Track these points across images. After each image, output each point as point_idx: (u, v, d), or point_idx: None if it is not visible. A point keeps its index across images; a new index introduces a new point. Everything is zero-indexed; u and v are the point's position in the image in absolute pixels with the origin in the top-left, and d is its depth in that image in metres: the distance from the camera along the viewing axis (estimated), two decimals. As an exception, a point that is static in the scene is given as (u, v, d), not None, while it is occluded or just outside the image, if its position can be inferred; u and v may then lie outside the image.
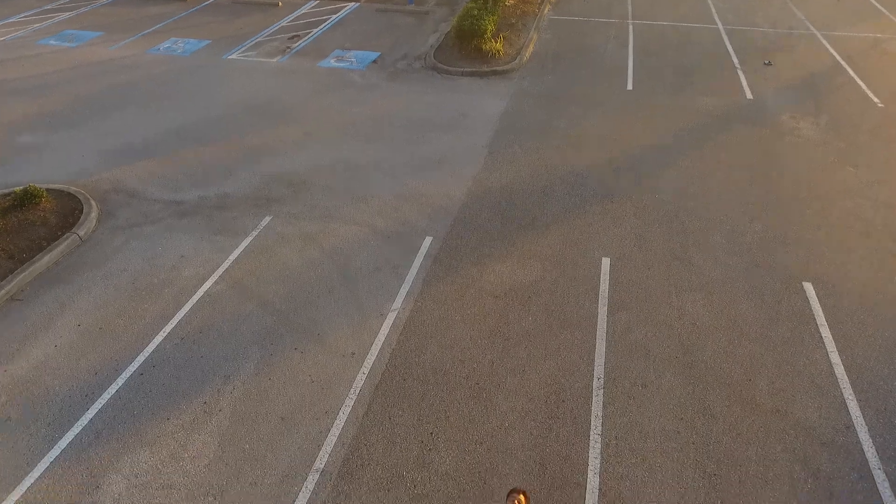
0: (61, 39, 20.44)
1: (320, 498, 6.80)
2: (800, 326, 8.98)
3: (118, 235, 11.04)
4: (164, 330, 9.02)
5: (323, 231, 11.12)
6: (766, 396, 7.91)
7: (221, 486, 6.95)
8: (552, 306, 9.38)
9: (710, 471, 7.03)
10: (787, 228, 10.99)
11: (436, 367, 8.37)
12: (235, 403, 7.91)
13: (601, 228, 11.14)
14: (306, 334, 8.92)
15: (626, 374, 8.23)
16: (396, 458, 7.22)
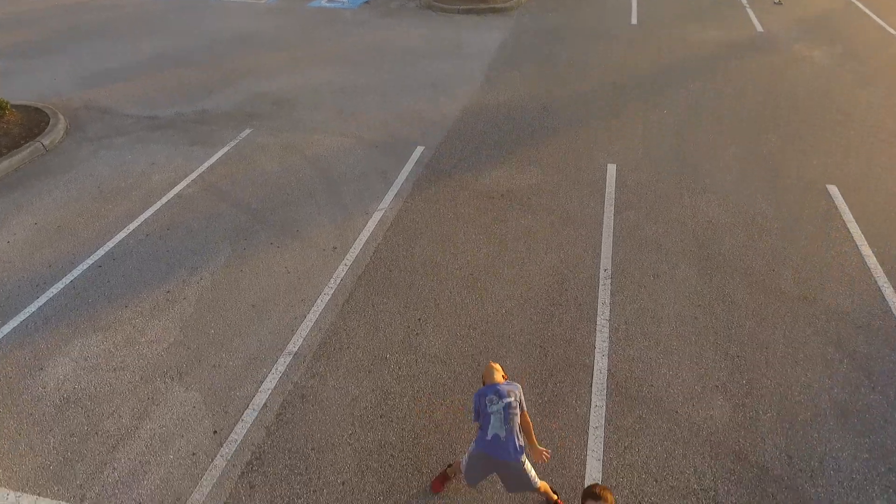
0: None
1: (292, 380, 6.00)
2: (825, 223, 8.18)
3: (85, 146, 10.24)
4: (127, 228, 8.22)
5: (306, 141, 10.32)
6: (792, 285, 7.11)
7: (180, 369, 6.15)
8: (554, 206, 8.58)
9: (733, 353, 6.24)
10: (806, 140, 10.20)
11: (425, 261, 7.58)
12: (202, 292, 7.11)
13: (606, 139, 10.34)
14: (284, 231, 8.12)
15: (635, 266, 7.43)
16: (379, 342, 6.42)
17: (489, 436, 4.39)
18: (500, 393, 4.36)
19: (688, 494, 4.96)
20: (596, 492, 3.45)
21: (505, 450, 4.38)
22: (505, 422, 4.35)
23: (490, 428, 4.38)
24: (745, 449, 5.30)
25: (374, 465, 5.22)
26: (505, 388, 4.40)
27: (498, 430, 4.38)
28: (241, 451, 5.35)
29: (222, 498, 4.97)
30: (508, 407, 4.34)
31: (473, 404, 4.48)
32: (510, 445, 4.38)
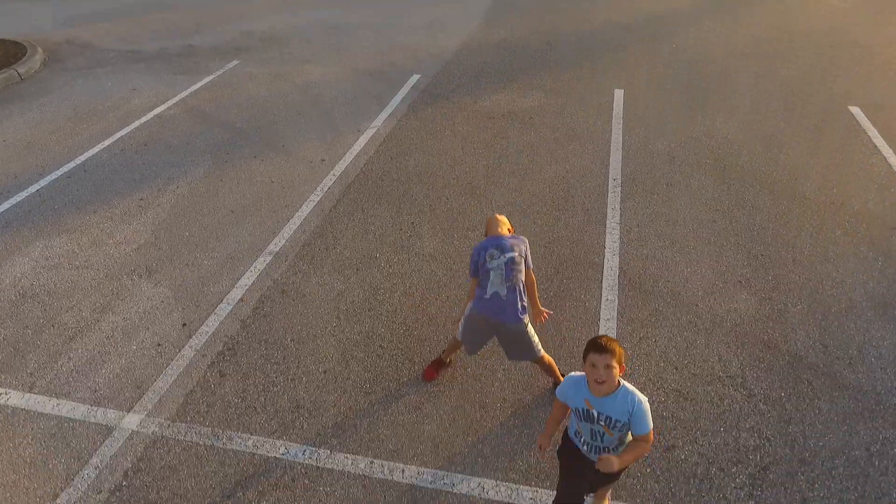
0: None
1: (272, 276, 5.46)
2: (849, 138, 7.63)
3: (63, 76, 9.71)
4: (102, 144, 7.67)
5: (296, 71, 9.77)
6: (817, 192, 6.56)
7: (150, 267, 5.60)
8: (558, 124, 8.03)
9: (756, 252, 5.69)
10: (824, 69, 9.64)
11: (421, 171, 7.03)
12: (177, 200, 6.57)
13: (613, 68, 9.79)
14: (269, 146, 7.58)
15: (647, 176, 6.88)
16: (369, 243, 5.87)
17: (488, 294, 3.85)
18: (502, 246, 3.81)
19: (712, 381, 4.40)
20: (601, 343, 2.73)
21: (505, 310, 3.84)
22: (506, 279, 3.80)
23: (489, 285, 3.84)
24: (775, 339, 4.74)
25: (360, 354, 4.68)
26: (509, 241, 3.84)
27: (498, 288, 3.84)
28: (213, 342, 4.80)
29: (189, 386, 4.43)
30: (511, 262, 3.79)
31: (471, 258, 3.92)
32: (511, 305, 3.84)
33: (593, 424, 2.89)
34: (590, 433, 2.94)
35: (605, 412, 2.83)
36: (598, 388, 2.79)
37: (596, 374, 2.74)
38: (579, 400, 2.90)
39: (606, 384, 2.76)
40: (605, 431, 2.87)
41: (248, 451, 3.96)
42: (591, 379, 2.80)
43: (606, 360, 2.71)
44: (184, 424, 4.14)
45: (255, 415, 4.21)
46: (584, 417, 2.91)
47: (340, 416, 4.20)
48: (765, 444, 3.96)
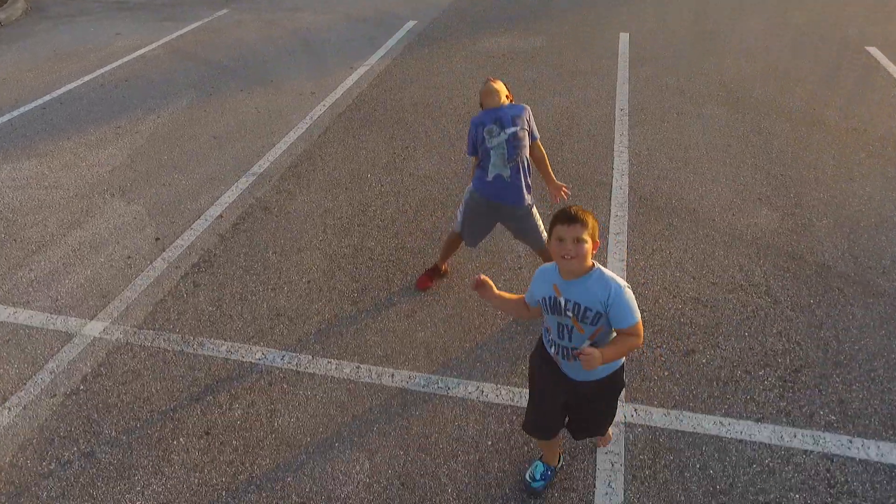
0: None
1: (254, 195, 5.06)
2: (868, 74, 7.23)
3: (45, 23, 9.31)
4: (80, 80, 7.28)
5: (288, 18, 9.38)
6: (838, 119, 6.16)
7: (123, 187, 5.21)
8: (561, 63, 7.64)
9: (776, 172, 5.29)
10: (838, 15, 9.23)
11: (416, 102, 6.63)
12: (157, 128, 6.17)
13: (618, 15, 9.40)
14: (256, 80, 7.18)
15: (656, 106, 6.49)
16: (359, 164, 5.48)
17: (490, 176, 3.46)
18: (502, 120, 3.40)
19: (734, 289, 4.01)
20: (570, 212, 2.18)
21: (508, 193, 3.46)
22: (509, 158, 3.41)
23: (491, 167, 3.45)
24: (800, 250, 4.35)
25: (348, 266, 4.28)
26: (509, 112, 3.43)
27: (500, 170, 3.45)
28: (187, 254, 4.41)
29: (159, 295, 4.03)
30: (513, 139, 3.39)
31: (468, 135, 3.53)
32: (515, 188, 3.46)
33: (560, 317, 2.29)
34: (557, 329, 2.33)
35: (573, 299, 2.23)
36: (566, 266, 2.20)
37: (563, 249, 2.17)
38: (547, 287, 2.31)
39: (576, 261, 2.17)
40: (573, 325, 2.27)
41: (220, 357, 3.57)
42: (557, 257, 2.22)
43: (576, 233, 2.14)
44: (151, 332, 3.75)
45: (231, 322, 3.82)
46: (551, 308, 2.30)
47: (325, 323, 3.81)
48: (794, 348, 3.57)
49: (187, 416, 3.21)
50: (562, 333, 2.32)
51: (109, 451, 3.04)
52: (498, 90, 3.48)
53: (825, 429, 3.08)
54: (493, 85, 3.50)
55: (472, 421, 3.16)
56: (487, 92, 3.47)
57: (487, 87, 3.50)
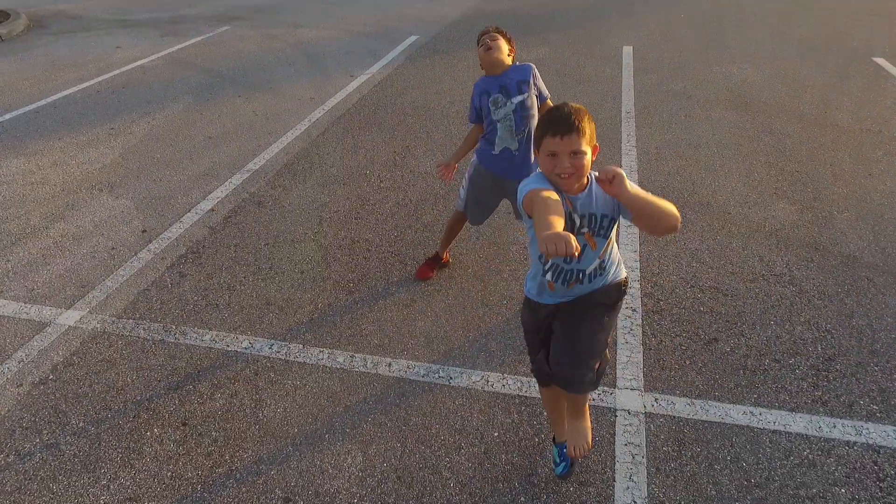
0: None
1: (248, 190, 4.85)
2: (877, 80, 7.09)
3: (46, 38, 9.27)
4: (77, 87, 7.16)
5: (289, 33, 9.34)
6: (850, 121, 5.98)
7: (112, 182, 5.00)
8: (565, 71, 7.52)
9: (791, 169, 5.08)
10: (843, 28, 9.15)
11: (417, 106, 6.48)
12: (151, 129, 6.01)
13: (621, 28, 9.34)
14: (255, 87, 7.06)
15: (663, 109, 6.32)
16: (358, 162, 5.28)
17: (497, 149, 3.23)
18: (508, 88, 3.16)
19: (755, 279, 3.75)
20: (563, 115, 1.83)
21: (517, 167, 3.23)
22: (517, 129, 3.18)
23: (497, 140, 3.22)
24: (823, 242, 4.10)
25: (344, 257, 4.04)
26: (514, 77, 3.18)
27: (508, 143, 3.22)
28: (175, 245, 4.17)
29: (143, 285, 3.78)
30: (521, 108, 3.16)
31: (471, 101, 3.30)
32: (524, 161, 3.23)
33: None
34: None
35: (587, 211, 1.91)
36: (563, 185, 1.87)
37: (558, 166, 1.80)
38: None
39: (574, 178, 1.83)
40: (586, 242, 1.96)
41: (203, 346, 3.30)
42: (552, 175, 1.84)
43: (572, 145, 1.78)
44: (131, 321, 3.49)
45: (217, 311, 3.56)
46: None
47: (318, 312, 3.55)
48: (825, 336, 3.29)
49: (163, 406, 2.93)
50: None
51: (75, 443, 2.75)
52: (498, 47, 3.12)
53: (867, 419, 2.79)
54: (494, 39, 3.12)
55: (477, 411, 2.88)
56: (489, 56, 3.17)
57: (487, 49, 3.12)
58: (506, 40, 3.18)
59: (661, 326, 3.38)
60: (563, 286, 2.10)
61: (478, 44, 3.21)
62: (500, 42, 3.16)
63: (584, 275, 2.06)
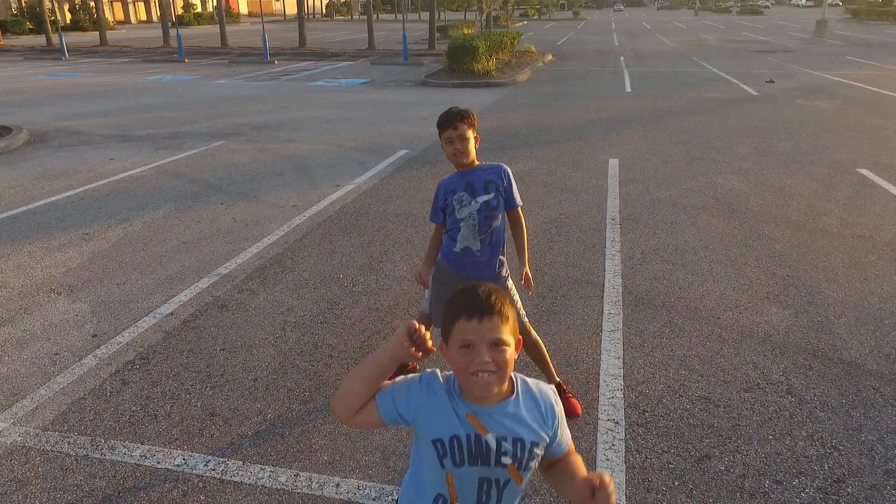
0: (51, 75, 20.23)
1: (213, 294, 4.63)
2: (864, 189, 7.08)
3: (44, 150, 9.49)
4: (61, 195, 7.17)
5: (282, 147, 9.56)
6: (840, 227, 5.87)
7: (73, 286, 4.79)
8: (551, 181, 7.56)
9: (782, 273, 4.87)
10: (825, 144, 9.32)
11: (400, 213, 6.42)
12: (126, 233, 5.90)
13: (606, 143, 9.56)
14: (240, 196, 7.06)
15: (648, 216, 6.24)
16: (332, 266, 5.10)
17: (458, 247, 3.03)
18: (473, 187, 3.00)
19: (750, 388, 3.42)
20: (477, 295, 1.36)
21: (478, 268, 3.02)
22: (480, 230, 3.00)
23: (460, 238, 3.03)
24: (822, 348, 3.81)
25: (303, 363, 3.73)
26: (483, 177, 3.03)
27: (470, 243, 3.03)
28: (123, 351, 3.88)
29: (79, 394, 3.45)
30: (486, 208, 2.99)
31: (435, 197, 3.13)
32: (486, 264, 3.03)
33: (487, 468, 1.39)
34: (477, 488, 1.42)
35: (509, 433, 1.39)
36: (479, 385, 1.35)
37: (475, 360, 1.33)
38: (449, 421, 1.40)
39: (497, 376, 1.35)
40: (510, 476, 1.40)
41: (131, 462, 2.93)
42: (464, 373, 1.36)
43: (494, 332, 1.32)
44: (57, 434, 3.13)
45: (154, 423, 3.21)
46: (469, 457, 1.39)
47: (265, 424, 3.20)
48: (832, 453, 2.91)
49: (69, 534, 2.52)
50: (486, 494, 1.43)
51: (-45, 579, 2.33)
52: (466, 148, 2.97)
53: (889, 552, 2.36)
54: (459, 147, 2.95)
55: (432, 542, 2.45)
56: (455, 158, 2.99)
57: (454, 153, 2.96)
58: (471, 126, 3.01)
59: (647, 441, 3.01)
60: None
61: (440, 129, 3.02)
62: (468, 136, 2.98)
63: None
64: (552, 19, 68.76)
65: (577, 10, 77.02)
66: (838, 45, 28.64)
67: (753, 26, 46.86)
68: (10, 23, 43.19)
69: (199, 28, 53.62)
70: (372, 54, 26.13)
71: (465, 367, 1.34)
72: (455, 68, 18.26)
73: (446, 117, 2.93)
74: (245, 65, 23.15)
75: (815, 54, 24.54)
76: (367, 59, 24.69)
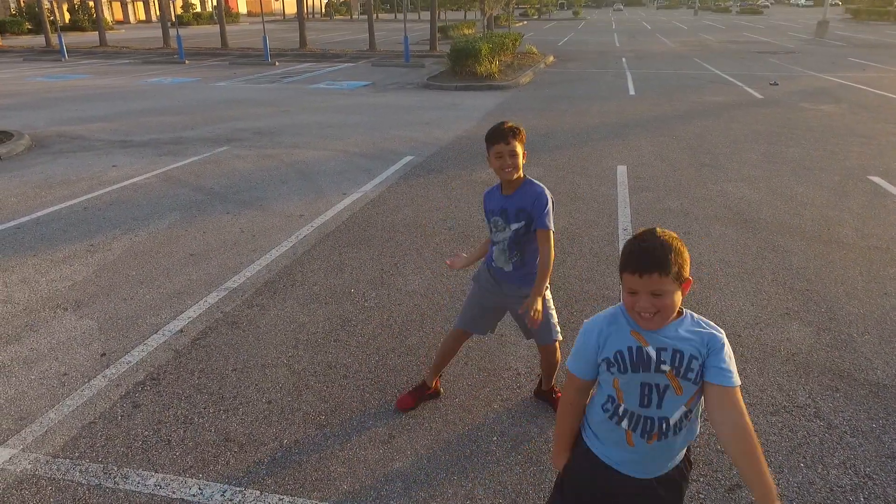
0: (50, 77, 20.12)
1: (223, 309, 4.54)
2: (877, 198, 7.01)
3: (45, 157, 9.39)
4: (64, 203, 7.07)
5: (286, 153, 9.47)
6: (856, 238, 5.80)
7: (79, 301, 4.70)
8: (560, 189, 7.49)
9: (800, 287, 4.80)
10: (834, 150, 9.26)
11: (409, 222, 6.33)
12: (132, 245, 5.81)
13: (614, 150, 9.48)
14: (245, 205, 6.97)
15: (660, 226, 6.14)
16: (342, 280, 5.02)
17: (494, 263, 3.07)
18: (508, 214, 2.93)
19: (777, 411, 3.34)
20: (642, 247, 1.66)
21: (513, 281, 3.05)
22: (510, 255, 3.00)
23: (495, 254, 3.07)
24: (847, 368, 3.73)
25: (317, 384, 3.65)
26: (518, 203, 2.91)
27: (502, 264, 3.05)
28: (133, 371, 3.79)
29: (89, 418, 3.37)
30: (516, 235, 2.95)
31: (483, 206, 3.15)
32: (521, 279, 3.03)
33: (649, 373, 1.69)
34: (640, 393, 1.73)
35: (669, 345, 1.68)
36: (646, 326, 1.70)
37: (638, 304, 1.65)
38: (620, 337, 1.74)
39: (659, 319, 1.66)
40: (669, 383, 1.69)
41: (145, 492, 2.84)
42: (631, 311, 1.69)
43: (654, 285, 1.61)
44: (68, 461, 3.05)
45: (167, 450, 3.12)
46: (632, 364, 1.71)
47: (282, 450, 3.11)
48: (866, 482, 2.84)
49: (84, 572, 2.44)
50: (647, 398, 1.72)
51: None
52: (514, 154, 2.82)
53: (934, 592, 2.29)
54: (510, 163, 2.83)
55: (460, 580, 2.38)
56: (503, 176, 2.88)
57: (503, 171, 2.85)
58: (521, 143, 2.89)
59: (675, 469, 2.93)
60: (643, 439, 1.76)
61: (491, 143, 2.88)
62: (518, 151, 2.85)
63: (667, 425, 1.73)
64: (552, 19, 68.70)
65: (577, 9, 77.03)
66: (840, 46, 28.61)
67: (754, 26, 46.84)
68: (8, 23, 43.03)
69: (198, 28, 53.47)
70: (373, 55, 26.05)
71: (631, 306, 1.69)
72: (457, 70, 18.18)
73: (499, 132, 2.85)
74: (246, 66, 23.05)
75: (817, 55, 24.50)
76: (369, 60, 24.61)
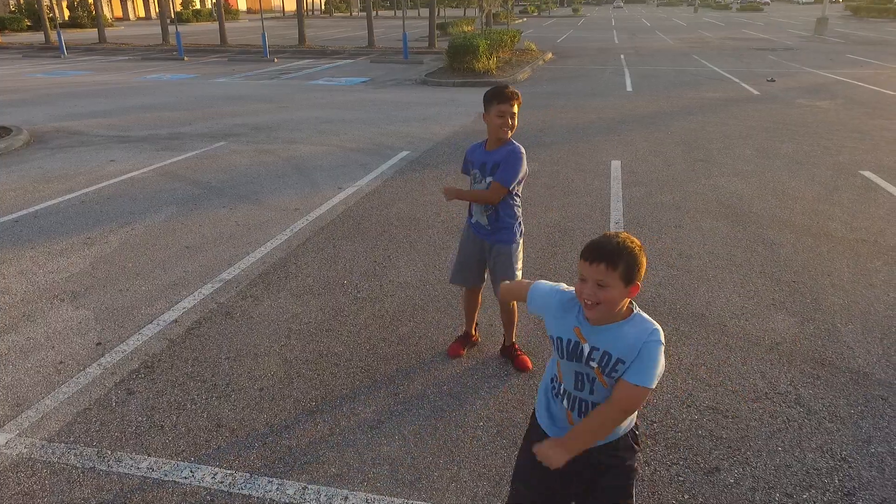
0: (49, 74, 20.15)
1: (217, 300, 4.61)
2: (868, 192, 7.07)
3: (43, 152, 9.45)
4: (62, 197, 7.14)
5: (283, 148, 9.52)
6: (844, 231, 5.86)
7: (76, 292, 4.77)
8: (554, 183, 7.55)
9: (787, 279, 4.87)
10: (827, 145, 9.32)
11: (403, 216, 6.40)
12: (129, 237, 5.88)
13: (608, 145, 9.54)
14: (241, 199, 7.03)
15: (652, 220, 6.23)
16: (336, 272, 5.09)
17: (473, 218, 3.36)
18: (485, 167, 3.21)
19: (759, 398, 3.41)
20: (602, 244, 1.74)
21: (490, 234, 3.40)
22: (486, 207, 3.31)
23: (473, 211, 3.35)
24: (829, 356, 3.80)
25: (308, 372, 3.72)
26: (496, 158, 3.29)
27: (479, 217, 3.41)
28: (128, 360, 3.86)
29: (84, 404, 3.44)
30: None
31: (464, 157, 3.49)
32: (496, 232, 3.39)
33: (580, 365, 1.86)
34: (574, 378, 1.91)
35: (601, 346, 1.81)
36: (587, 313, 1.82)
37: (584, 291, 1.76)
38: (565, 326, 1.88)
39: (597, 311, 1.78)
40: (596, 377, 1.86)
41: (138, 475, 2.91)
42: (579, 296, 1.80)
43: (599, 275, 1.72)
44: (63, 445, 3.12)
45: (160, 434, 3.19)
46: (568, 353, 1.87)
47: (272, 435, 3.18)
48: (842, 465, 2.91)
49: (77, 550, 2.51)
50: (580, 383, 1.91)
51: None
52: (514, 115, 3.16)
53: (902, 568, 2.36)
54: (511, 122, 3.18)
55: (442, 557, 2.45)
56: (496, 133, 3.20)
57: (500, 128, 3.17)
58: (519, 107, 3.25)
59: (656, 453, 3.01)
60: (580, 419, 1.93)
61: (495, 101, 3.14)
62: (516, 115, 3.21)
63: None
64: (552, 16, 68.65)
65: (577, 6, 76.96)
66: (839, 43, 28.62)
67: (753, 23, 46.82)
68: (8, 20, 43.04)
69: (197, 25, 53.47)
70: (372, 52, 26.08)
71: (579, 292, 1.80)
72: (455, 67, 18.21)
73: (505, 94, 3.14)
74: (244, 63, 23.09)
75: (816, 52, 24.53)
76: (367, 57, 24.64)
